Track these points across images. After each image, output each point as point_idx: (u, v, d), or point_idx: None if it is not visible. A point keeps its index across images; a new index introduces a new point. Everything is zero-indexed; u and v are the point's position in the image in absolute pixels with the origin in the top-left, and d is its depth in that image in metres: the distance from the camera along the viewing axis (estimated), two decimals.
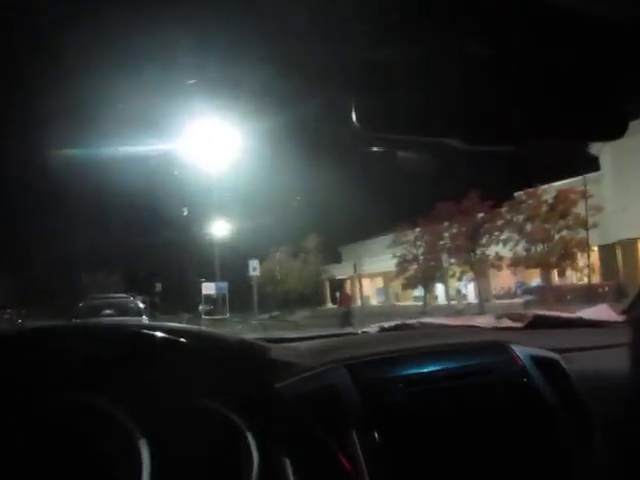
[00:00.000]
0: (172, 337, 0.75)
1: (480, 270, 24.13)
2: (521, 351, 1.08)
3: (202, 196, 24.63)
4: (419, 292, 28.24)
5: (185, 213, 21.85)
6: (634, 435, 1.13)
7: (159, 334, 0.74)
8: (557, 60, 0.80)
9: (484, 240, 23.46)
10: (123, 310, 10.81)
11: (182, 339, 0.75)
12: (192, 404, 0.75)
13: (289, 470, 0.74)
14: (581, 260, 20.78)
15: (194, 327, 0.89)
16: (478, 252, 23.79)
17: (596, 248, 22.39)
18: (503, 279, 26.54)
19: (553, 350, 1.14)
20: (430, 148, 0.89)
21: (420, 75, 0.73)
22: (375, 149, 0.90)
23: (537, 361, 1.08)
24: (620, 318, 1.49)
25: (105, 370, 0.72)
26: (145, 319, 10.77)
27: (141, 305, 12.17)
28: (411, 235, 26.72)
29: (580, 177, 20.58)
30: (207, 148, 18.12)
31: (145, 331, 0.75)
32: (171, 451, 0.73)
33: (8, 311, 22.18)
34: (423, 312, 22.02)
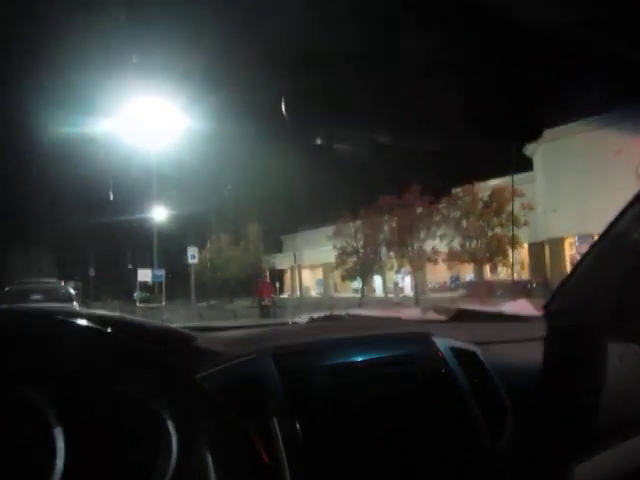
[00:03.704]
0: (94, 325, 0.73)
1: (417, 264, 24.69)
2: (441, 342, 1.13)
3: (140, 180, 23.93)
4: (358, 284, 28.63)
5: (111, 198, 20.99)
6: (544, 424, 1.20)
7: (80, 321, 0.73)
8: (484, 67, 0.84)
9: (422, 234, 24.01)
10: (53, 296, 10.41)
11: (104, 327, 0.74)
12: (111, 391, 0.74)
13: (208, 460, 0.74)
14: (512, 256, 21.63)
15: (117, 315, 0.87)
16: (416, 246, 24.33)
17: (526, 245, 23.40)
18: (439, 273, 27.29)
19: (473, 342, 1.20)
20: (364, 142, 0.91)
21: (349, 70, 0.75)
22: (311, 142, 0.91)
23: (456, 352, 1.12)
24: (537, 312, 1.58)
25: (25, 357, 0.70)
26: (76, 305, 10.40)
27: (72, 291, 11.73)
28: (352, 227, 27.02)
29: (514, 176, 21.38)
30: (148, 132, 17.61)
31: (66, 318, 0.74)
32: (88, 439, 0.72)
33: None
34: (360, 304, 22.33)
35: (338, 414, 0.93)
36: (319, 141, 0.89)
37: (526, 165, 22.65)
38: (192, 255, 22.47)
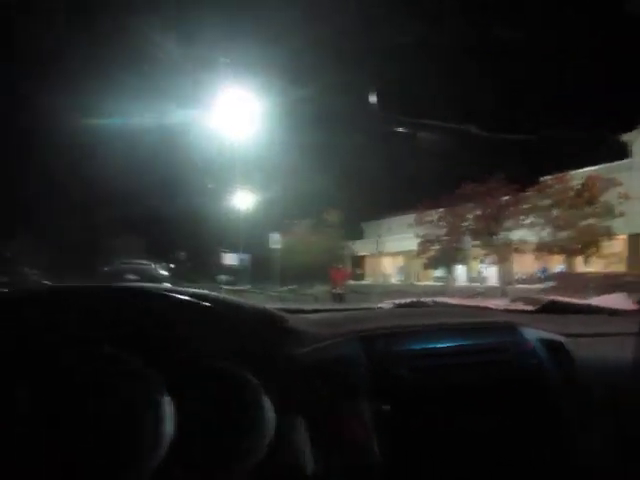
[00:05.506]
0: (195, 300, 0.79)
1: (503, 254, 23.83)
2: (529, 333, 1.11)
3: (226, 167, 24.61)
4: (440, 273, 28.07)
5: (210, 186, 21.89)
6: (633, 419, 1.15)
7: (183, 296, 0.79)
8: (579, 53, 0.81)
9: (508, 223, 23.14)
10: (146, 277, 11.06)
11: (204, 303, 0.80)
12: (213, 364, 0.79)
13: (303, 435, 0.78)
14: (607, 248, 20.40)
15: (214, 293, 0.93)
16: (501, 235, 23.48)
17: (622, 237, 21.94)
18: (526, 264, 26.18)
19: (561, 334, 1.16)
20: (450, 130, 0.90)
21: (439, 62, 0.75)
22: (396, 129, 0.92)
23: (544, 343, 1.10)
24: (635, 307, 1.49)
25: (132, 328, 0.76)
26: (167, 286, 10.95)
27: (164, 272, 12.38)
28: (434, 215, 26.46)
29: (608, 164, 20.10)
30: (231, 118, 18.04)
31: (169, 293, 0.80)
32: (193, 409, 0.77)
33: (35, 272, 22.57)
34: (442, 293, 21.87)
35: (424, 399, 0.95)
36: (402, 129, 0.90)
37: (621, 153, 21.20)
38: (275, 241, 23.02)
